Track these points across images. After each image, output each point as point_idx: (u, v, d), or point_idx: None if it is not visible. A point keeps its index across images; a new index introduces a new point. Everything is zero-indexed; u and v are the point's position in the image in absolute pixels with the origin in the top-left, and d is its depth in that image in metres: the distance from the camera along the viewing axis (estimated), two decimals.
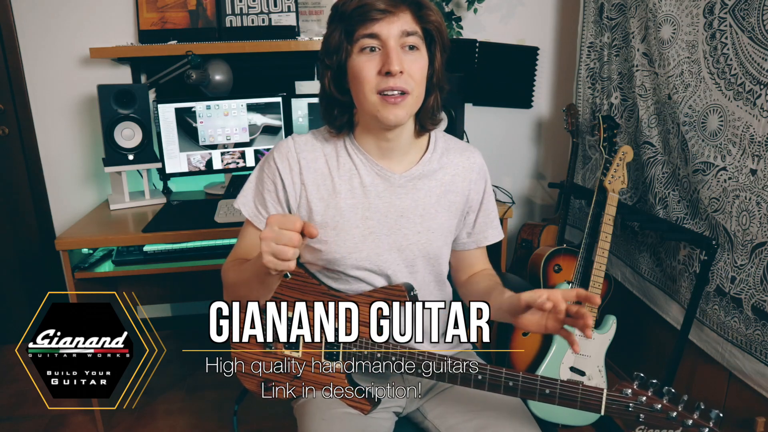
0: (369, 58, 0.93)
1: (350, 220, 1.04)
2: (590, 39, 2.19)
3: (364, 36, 0.92)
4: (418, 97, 0.97)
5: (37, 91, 2.21)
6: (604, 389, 0.90)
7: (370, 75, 0.93)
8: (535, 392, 0.91)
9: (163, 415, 2.00)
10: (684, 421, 0.87)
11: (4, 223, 2.35)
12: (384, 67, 0.91)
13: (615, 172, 1.72)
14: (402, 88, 0.93)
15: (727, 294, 1.51)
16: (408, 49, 0.93)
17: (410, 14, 0.93)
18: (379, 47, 0.93)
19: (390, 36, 0.91)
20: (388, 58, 0.91)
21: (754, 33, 1.38)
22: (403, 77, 0.92)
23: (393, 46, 0.91)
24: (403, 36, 0.92)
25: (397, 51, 0.92)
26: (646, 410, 0.88)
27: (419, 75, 0.95)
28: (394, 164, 1.05)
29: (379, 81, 0.93)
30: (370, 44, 0.93)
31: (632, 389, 0.89)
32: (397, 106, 0.93)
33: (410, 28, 0.92)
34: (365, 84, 0.94)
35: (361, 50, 0.94)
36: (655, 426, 0.89)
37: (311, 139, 1.07)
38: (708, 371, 1.63)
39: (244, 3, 2.21)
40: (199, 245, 1.77)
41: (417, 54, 0.94)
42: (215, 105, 2.08)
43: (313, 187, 1.04)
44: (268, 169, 1.06)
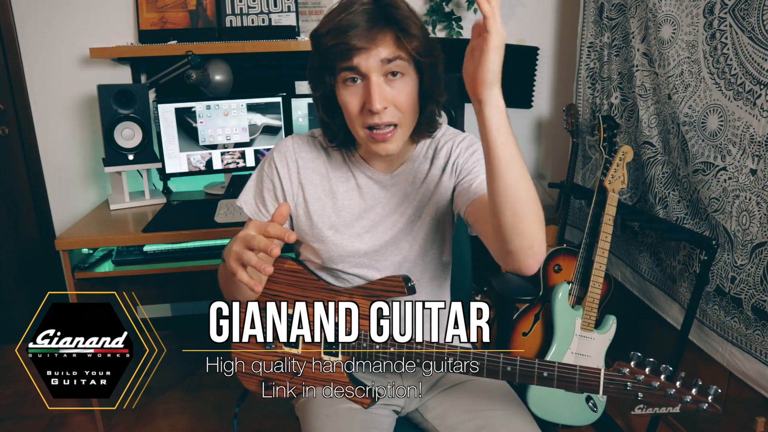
0: (353, 92, 0.90)
1: (346, 219, 1.05)
2: (590, 39, 2.19)
3: (344, 69, 0.89)
4: (409, 125, 0.94)
5: (37, 91, 2.21)
6: (601, 369, 0.90)
7: (354, 110, 0.91)
8: (533, 376, 0.91)
9: (163, 415, 2.00)
10: (682, 398, 0.87)
11: (4, 223, 2.35)
12: (366, 104, 0.89)
13: (615, 172, 1.72)
14: (388, 122, 0.90)
15: (727, 294, 1.51)
16: (392, 77, 0.89)
17: (391, 37, 0.88)
18: (361, 78, 0.89)
19: (370, 69, 0.87)
20: (369, 96, 0.87)
21: (754, 33, 1.38)
22: (389, 111, 0.89)
23: (374, 80, 0.88)
24: (385, 64, 0.88)
25: (379, 85, 0.88)
26: (644, 388, 0.88)
27: (407, 102, 0.91)
28: (387, 165, 1.06)
29: (365, 117, 0.90)
30: (351, 76, 0.89)
31: (629, 368, 0.89)
32: (386, 141, 0.92)
33: (391, 55, 0.88)
34: (352, 119, 0.92)
35: (344, 82, 0.91)
36: (653, 404, 0.88)
37: (310, 140, 1.08)
38: (708, 371, 1.63)
39: (244, 3, 2.21)
40: (199, 245, 1.77)
41: (402, 81, 0.90)
42: (215, 105, 2.08)
43: (310, 186, 1.05)
44: (267, 168, 1.07)
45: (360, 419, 1.02)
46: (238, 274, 0.79)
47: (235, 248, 0.79)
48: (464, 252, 1.37)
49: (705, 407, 0.86)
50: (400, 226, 1.06)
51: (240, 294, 0.99)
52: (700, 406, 0.86)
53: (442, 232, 1.09)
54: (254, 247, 0.77)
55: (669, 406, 0.87)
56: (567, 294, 1.76)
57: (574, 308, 1.76)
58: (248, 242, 0.77)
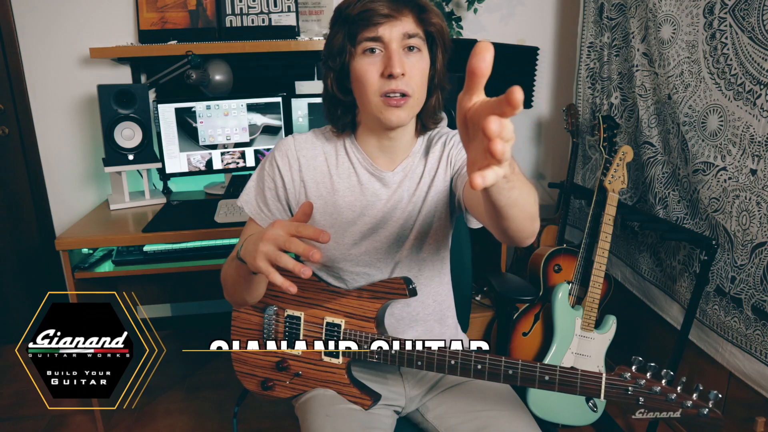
0: (371, 61, 0.94)
1: (348, 218, 1.05)
2: (590, 39, 2.19)
3: (367, 39, 0.93)
4: (419, 99, 0.98)
5: (37, 91, 2.21)
6: (603, 373, 0.90)
7: (372, 78, 0.94)
8: (534, 380, 0.92)
9: (163, 415, 2.00)
10: (683, 403, 0.87)
11: (4, 223, 2.35)
12: (386, 69, 0.92)
13: (615, 172, 1.72)
14: (403, 91, 0.93)
15: (727, 294, 1.51)
16: (409, 51, 0.94)
17: (412, 17, 0.94)
18: (381, 49, 0.94)
19: (392, 39, 0.92)
20: (390, 60, 0.92)
21: (754, 33, 1.38)
22: (405, 80, 0.93)
23: (395, 48, 0.92)
24: (405, 38, 0.93)
25: (399, 53, 0.93)
26: (645, 393, 0.88)
27: (420, 77, 0.96)
28: (388, 163, 1.06)
29: (382, 83, 0.94)
30: (372, 46, 0.94)
31: (631, 373, 0.89)
32: (399, 108, 0.94)
33: (412, 31, 0.93)
34: (368, 86, 0.95)
35: (363, 52, 0.95)
36: (654, 409, 0.88)
37: (312, 138, 1.08)
38: (708, 371, 1.63)
39: (244, 3, 2.21)
40: (199, 245, 1.77)
41: (418, 56, 0.95)
42: (215, 105, 2.08)
43: (312, 184, 1.06)
44: (269, 167, 1.07)
45: (360, 419, 1.02)
46: (271, 277, 0.76)
47: (265, 249, 0.76)
48: (464, 252, 1.37)
49: (705, 412, 0.86)
50: (401, 222, 1.06)
51: (250, 295, 0.99)
52: (701, 411, 0.86)
53: (441, 227, 1.09)
54: (290, 249, 0.75)
55: (670, 410, 0.87)
56: (567, 294, 1.76)
57: (574, 308, 1.76)
58: (281, 244, 0.76)
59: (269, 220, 1.07)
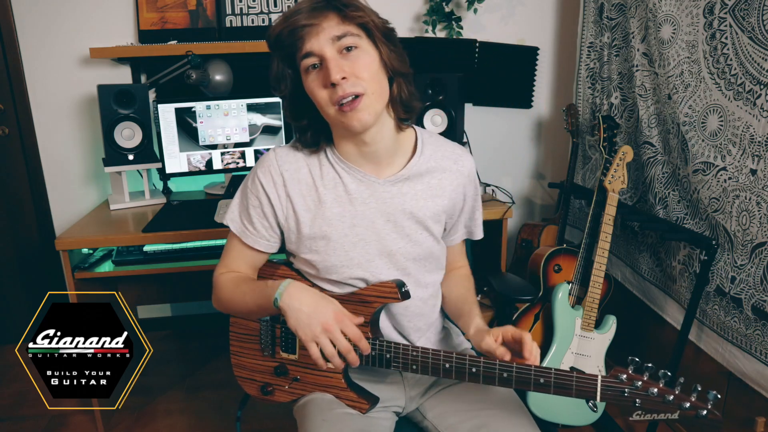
0: (315, 77, 0.94)
1: (338, 228, 1.03)
2: (590, 39, 2.19)
3: (303, 57, 0.93)
4: (377, 94, 0.96)
5: (37, 91, 2.21)
6: (598, 375, 0.89)
7: (320, 92, 0.94)
8: (529, 382, 0.91)
9: (163, 415, 2.00)
10: (681, 404, 0.85)
11: (4, 223, 2.36)
12: (326, 80, 0.92)
13: (615, 172, 1.72)
14: (352, 92, 0.92)
15: (727, 294, 1.51)
16: (347, 51, 0.93)
17: (337, 18, 0.92)
18: (320, 62, 0.93)
19: (323, 47, 0.91)
20: (327, 69, 0.91)
21: (754, 33, 1.38)
22: (350, 81, 0.92)
23: (330, 55, 0.91)
24: (336, 41, 0.92)
25: (336, 59, 0.92)
26: (642, 395, 0.86)
27: (367, 72, 0.93)
28: (381, 168, 1.04)
29: (330, 94, 0.93)
30: (311, 62, 0.93)
31: (627, 374, 0.87)
32: (356, 110, 0.93)
33: (339, 32, 0.92)
34: (320, 101, 0.95)
35: (306, 71, 0.95)
36: (652, 410, 0.87)
37: (293, 151, 1.06)
38: (708, 371, 1.63)
39: (244, 3, 2.21)
40: (199, 245, 1.77)
41: (357, 52, 0.93)
42: (215, 105, 2.08)
43: (299, 198, 1.04)
44: (252, 185, 1.05)
45: (357, 423, 1.02)
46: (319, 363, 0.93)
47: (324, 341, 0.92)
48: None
49: (704, 413, 0.84)
50: (392, 232, 1.05)
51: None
52: (699, 413, 0.84)
53: (434, 236, 1.09)
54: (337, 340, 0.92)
55: (667, 412, 0.86)
56: (567, 294, 1.76)
57: (574, 308, 1.76)
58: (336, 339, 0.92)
59: (254, 238, 1.06)
